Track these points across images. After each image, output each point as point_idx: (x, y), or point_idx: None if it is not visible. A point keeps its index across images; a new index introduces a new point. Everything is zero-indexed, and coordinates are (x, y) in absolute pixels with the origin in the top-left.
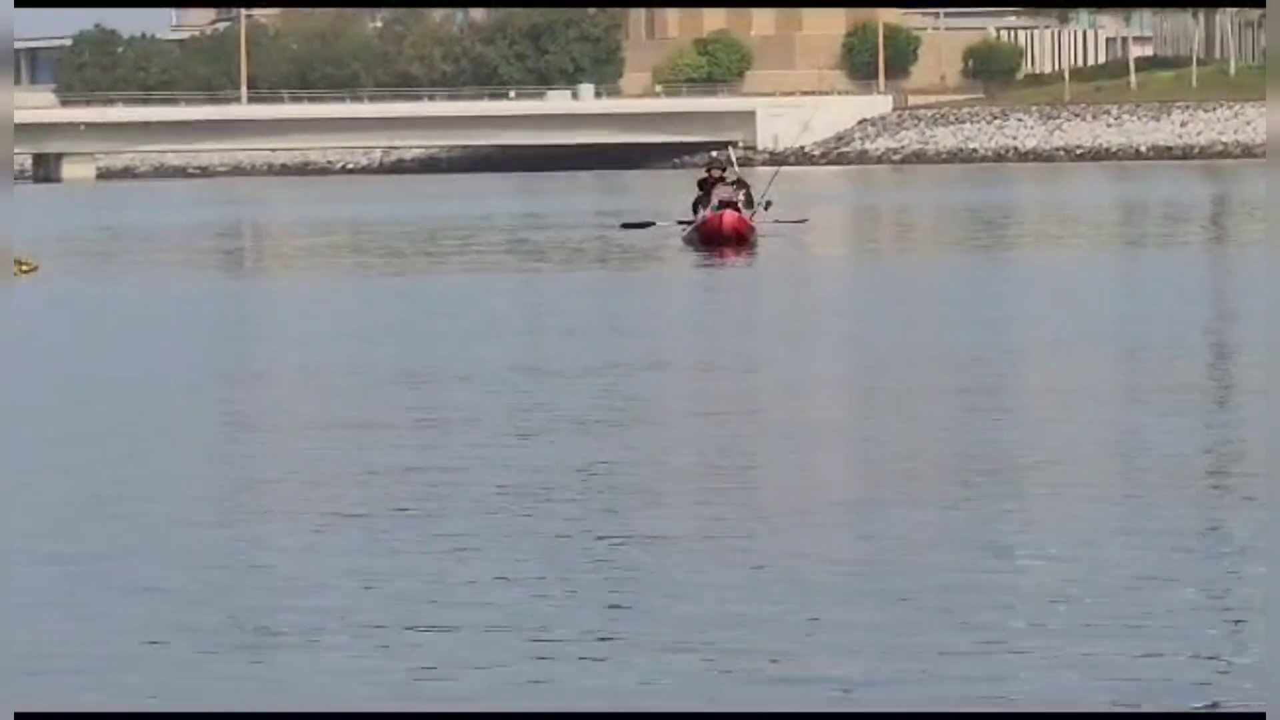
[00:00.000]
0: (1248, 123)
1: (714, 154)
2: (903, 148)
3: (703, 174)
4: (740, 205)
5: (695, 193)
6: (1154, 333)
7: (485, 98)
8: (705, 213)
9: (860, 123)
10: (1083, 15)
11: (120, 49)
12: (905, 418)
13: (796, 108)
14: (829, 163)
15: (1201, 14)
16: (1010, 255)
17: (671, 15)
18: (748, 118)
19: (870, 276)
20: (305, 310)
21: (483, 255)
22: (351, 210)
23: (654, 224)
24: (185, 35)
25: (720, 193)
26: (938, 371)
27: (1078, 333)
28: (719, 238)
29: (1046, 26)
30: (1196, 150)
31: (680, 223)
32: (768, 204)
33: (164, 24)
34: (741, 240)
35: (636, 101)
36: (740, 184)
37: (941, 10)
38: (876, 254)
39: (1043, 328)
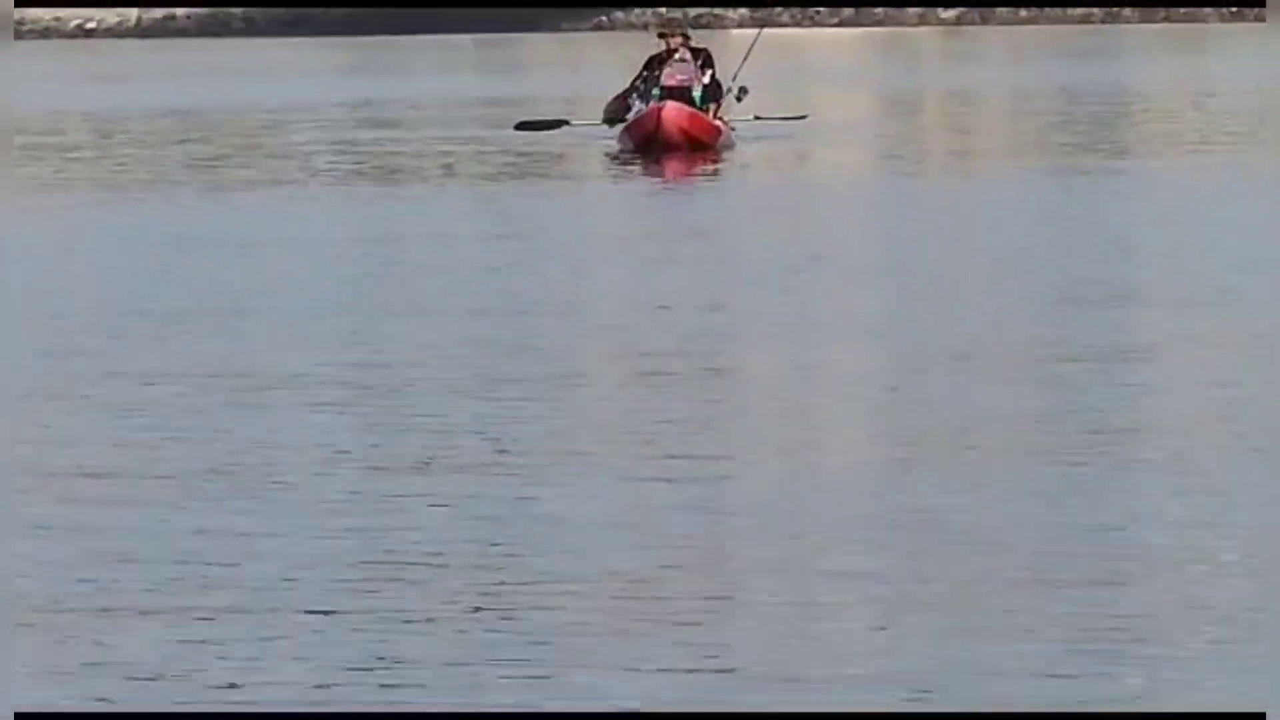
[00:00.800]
0: None
1: (664, 11)
2: None
3: (655, 46)
4: (696, 92)
5: (635, 72)
6: None
7: None
8: (642, 104)
9: None
10: None
11: None
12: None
13: None
14: (843, 23)
15: None
16: (1125, 176)
17: None
18: None
19: (903, 207)
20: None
21: (296, 168)
22: (93, 94)
23: (566, 123)
24: None
25: (671, 73)
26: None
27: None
28: (656, 142)
29: None
30: None
31: (608, 120)
32: (741, 91)
33: None
34: (695, 146)
35: None
36: (701, 57)
37: None
38: (913, 171)
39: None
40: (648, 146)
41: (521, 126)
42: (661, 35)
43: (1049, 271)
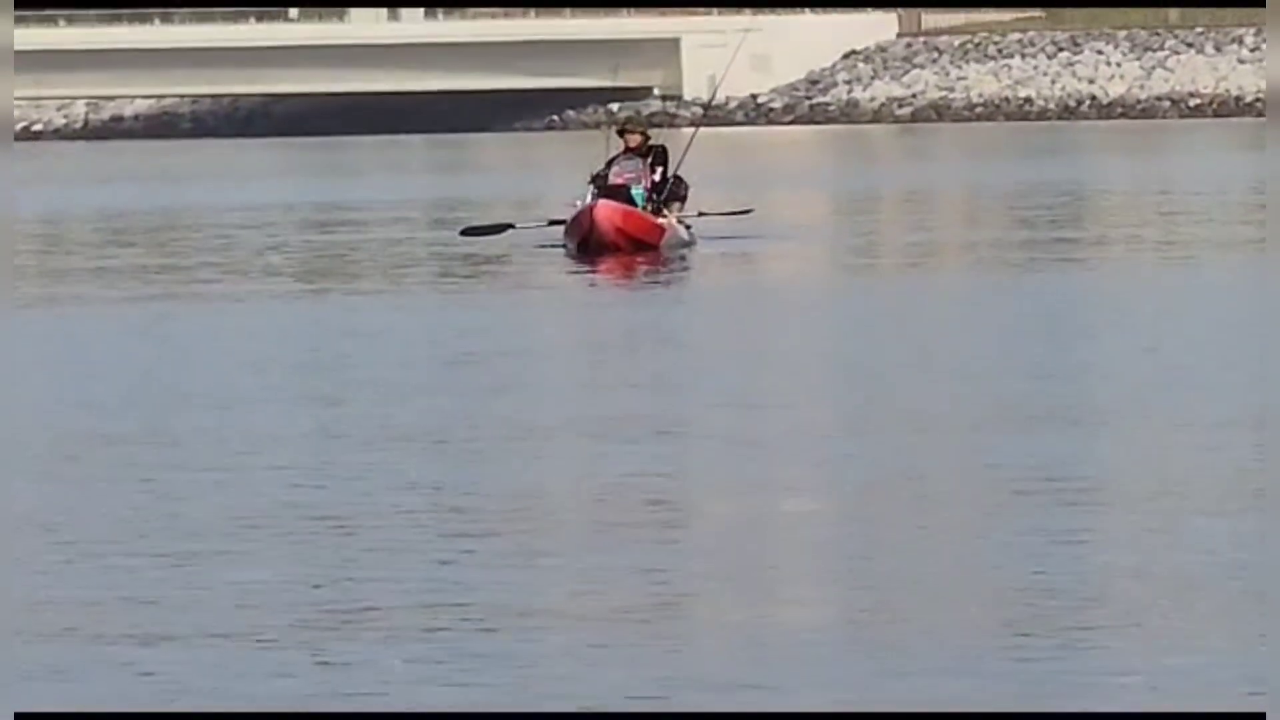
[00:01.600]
0: None
1: (616, 109)
2: (914, 96)
3: (618, 141)
4: (636, 190)
5: (589, 171)
6: None
7: (251, 20)
8: (582, 203)
9: (847, 56)
10: None
11: None
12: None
13: (745, 33)
14: (797, 120)
15: None
16: (1087, 275)
17: None
18: (667, 49)
19: (852, 313)
20: None
21: (240, 270)
22: (38, 196)
23: (511, 226)
24: None
25: (618, 171)
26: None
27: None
28: (592, 242)
29: None
30: None
31: (554, 222)
32: (678, 187)
33: None
34: (635, 245)
35: (491, 23)
36: (654, 154)
37: None
38: (863, 271)
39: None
40: (585, 246)
41: (467, 232)
42: (621, 133)
43: (996, 378)
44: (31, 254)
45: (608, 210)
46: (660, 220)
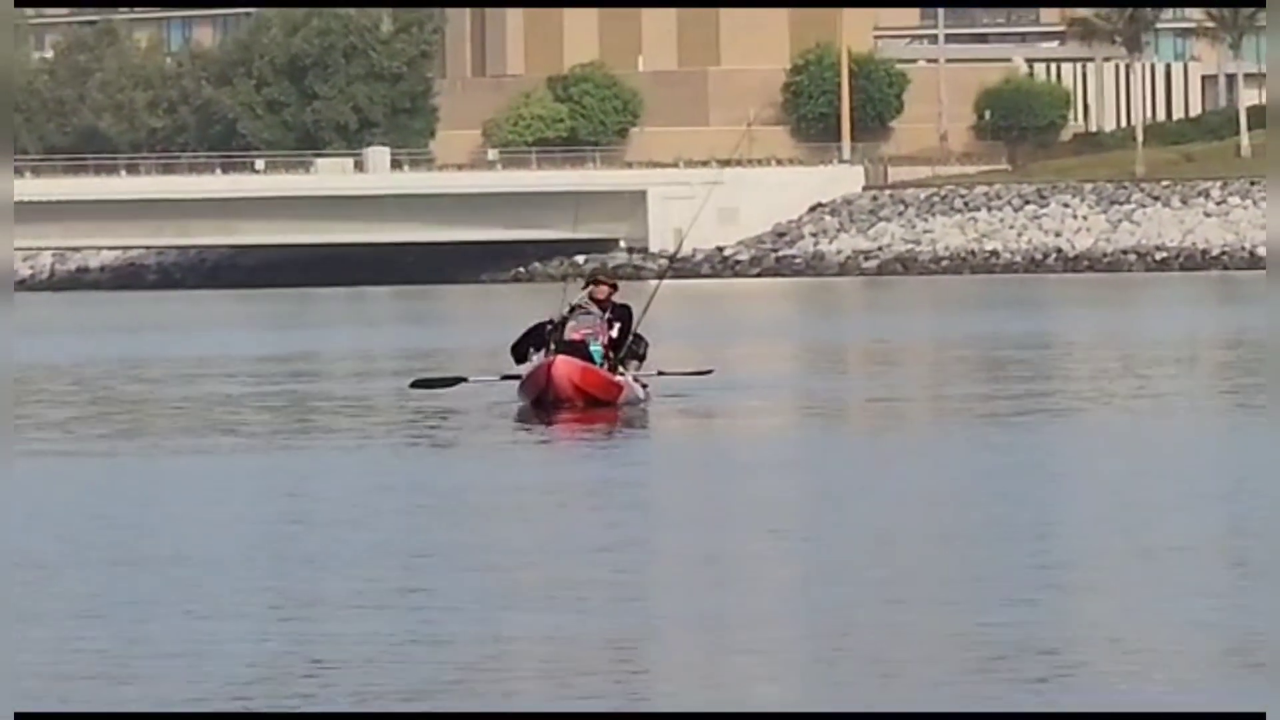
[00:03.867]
0: None
1: (582, 260)
2: (880, 249)
3: (581, 292)
4: (595, 347)
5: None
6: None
7: (217, 170)
8: (539, 357)
9: (813, 209)
10: (1164, 42)
11: None
12: None
13: (711, 185)
14: (763, 273)
15: None
16: (1056, 428)
17: (514, 38)
18: (633, 201)
19: (812, 475)
20: None
21: (199, 420)
22: (2, 347)
23: (464, 380)
24: None
25: (575, 326)
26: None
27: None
28: (548, 397)
29: (1108, 58)
30: None
31: (506, 376)
32: (637, 345)
33: None
34: (590, 402)
35: (457, 176)
36: (617, 311)
37: (940, 30)
38: (826, 429)
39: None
40: (540, 402)
41: (418, 385)
42: (591, 283)
43: (963, 532)
44: None
45: (566, 367)
46: (618, 378)
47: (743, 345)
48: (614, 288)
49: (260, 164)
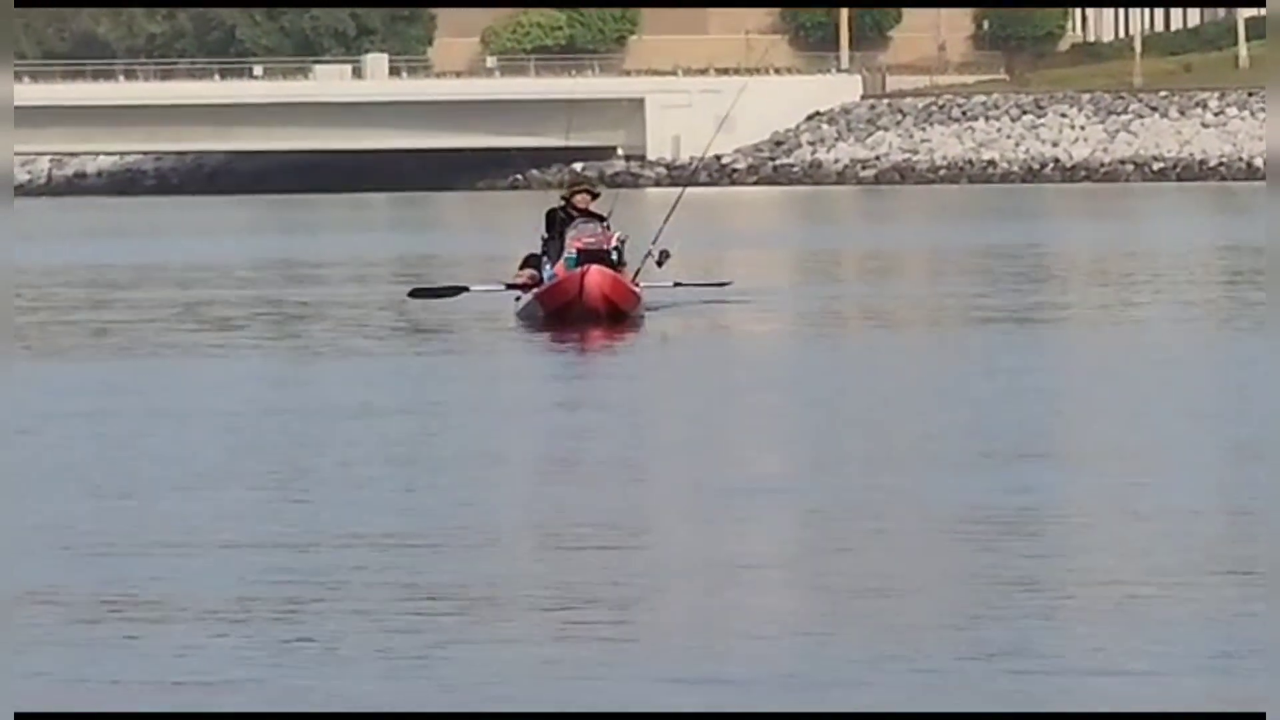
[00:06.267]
0: None
1: (580, 168)
2: (878, 158)
3: (558, 202)
4: (609, 254)
5: (541, 230)
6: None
7: (215, 76)
8: (554, 268)
9: (811, 118)
10: None
11: None
12: None
13: (708, 94)
14: (760, 181)
15: None
16: (1052, 339)
17: None
18: (632, 109)
19: (823, 373)
20: None
21: (188, 328)
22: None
23: (466, 289)
24: None
25: (580, 234)
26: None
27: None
28: (578, 310)
29: None
30: None
31: (511, 285)
32: (663, 255)
33: None
34: (616, 315)
35: (455, 83)
36: (600, 219)
37: None
38: (835, 335)
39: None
40: (565, 313)
41: (416, 294)
42: (574, 191)
43: (969, 434)
44: None
45: (599, 277)
46: (634, 288)
47: (749, 254)
48: (595, 196)
49: (258, 70)
